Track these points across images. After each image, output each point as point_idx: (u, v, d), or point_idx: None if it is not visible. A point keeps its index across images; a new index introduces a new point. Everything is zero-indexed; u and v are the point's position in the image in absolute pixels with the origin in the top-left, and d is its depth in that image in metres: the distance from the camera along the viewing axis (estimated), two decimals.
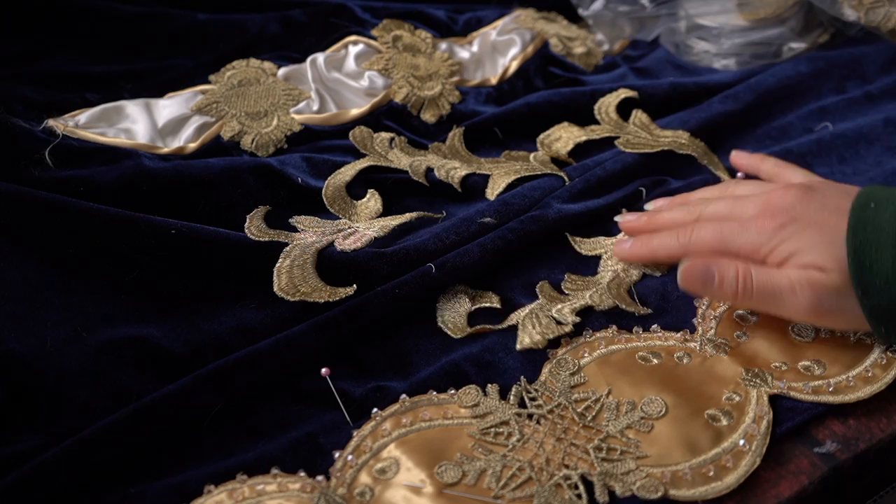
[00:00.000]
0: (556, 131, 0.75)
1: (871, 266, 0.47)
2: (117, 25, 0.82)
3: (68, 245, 0.59)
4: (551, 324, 0.55)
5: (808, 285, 0.49)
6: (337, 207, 0.65)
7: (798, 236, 0.50)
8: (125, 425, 0.48)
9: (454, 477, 0.45)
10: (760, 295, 0.51)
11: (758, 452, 0.46)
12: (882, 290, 0.47)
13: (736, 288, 0.51)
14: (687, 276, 0.53)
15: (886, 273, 0.47)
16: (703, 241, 0.54)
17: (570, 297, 0.58)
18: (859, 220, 0.49)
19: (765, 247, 0.51)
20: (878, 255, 0.47)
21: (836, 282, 0.49)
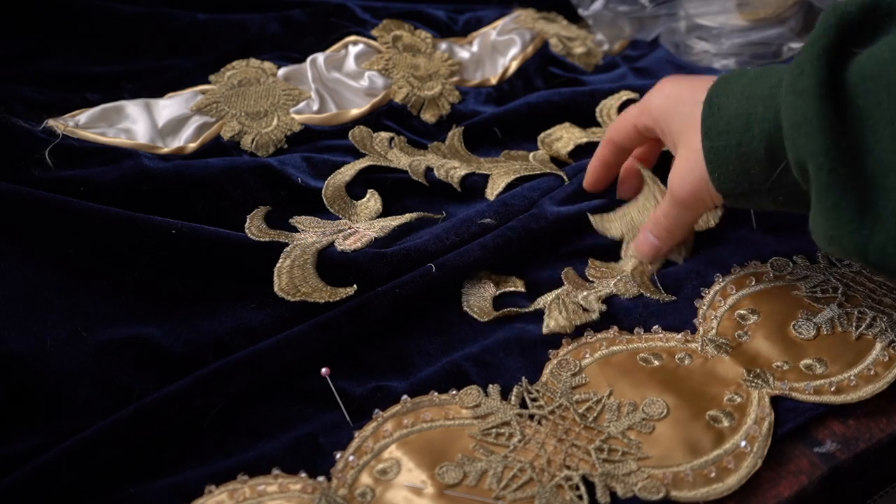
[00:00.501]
0: (557, 131, 0.75)
1: (718, 111, 0.49)
2: (117, 25, 0.82)
3: (68, 245, 0.59)
4: (578, 310, 0.56)
5: (683, 203, 0.54)
6: (337, 207, 0.65)
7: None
8: (125, 425, 0.48)
9: (455, 478, 0.45)
10: (666, 225, 0.57)
11: (759, 454, 0.46)
12: (721, 133, 0.49)
13: (663, 229, 0.57)
14: (644, 254, 0.59)
15: (728, 117, 0.49)
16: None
17: (594, 285, 0.59)
18: (724, 77, 0.51)
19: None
20: (727, 101, 0.49)
21: (689, 154, 0.52)
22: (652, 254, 0.58)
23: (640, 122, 0.58)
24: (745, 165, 0.49)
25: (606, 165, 0.63)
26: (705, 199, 0.53)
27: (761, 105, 0.47)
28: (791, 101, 0.44)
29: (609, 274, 0.60)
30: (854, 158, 0.42)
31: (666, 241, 0.58)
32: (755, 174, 0.49)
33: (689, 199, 0.54)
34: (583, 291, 0.58)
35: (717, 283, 0.57)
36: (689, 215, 0.56)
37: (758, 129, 0.47)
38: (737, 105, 0.48)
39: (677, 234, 0.57)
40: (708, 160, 0.50)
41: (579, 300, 0.57)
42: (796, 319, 0.54)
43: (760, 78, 0.48)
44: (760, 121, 0.47)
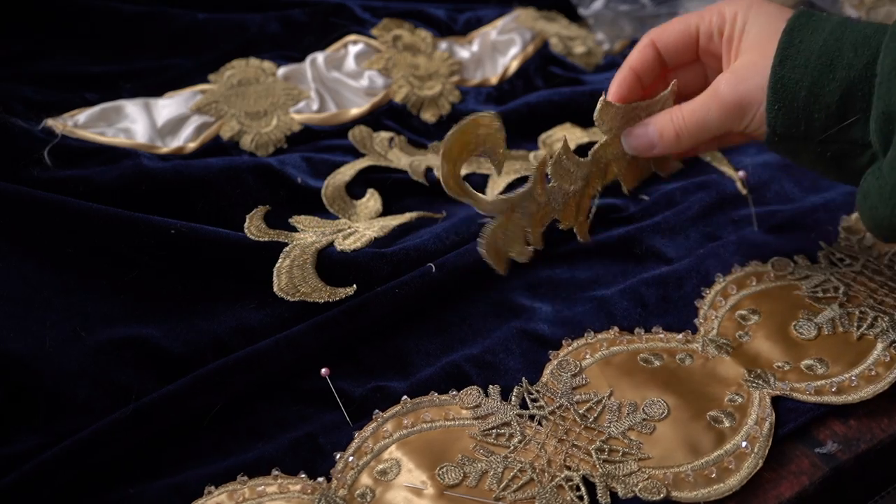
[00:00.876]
0: (557, 131, 0.75)
1: (799, 42, 0.47)
2: (117, 25, 0.82)
3: (67, 245, 0.59)
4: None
5: (723, 103, 0.50)
6: (336, 207, 0.65)
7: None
8: (125, 425, 0.48)
9: (455, 478, 0.45)
10: (694, 129, 0.52)
11: (760, 454, 0.46)
12: (798, 66, 0.47)
13: (674, 134, 0.52)
14: (632, 144, 0.54)
15: (810, 52, 0.47)
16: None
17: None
18: (805, 11, 0.49)
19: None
20: (811, 36, 0.47)
21: (756, 64, 0.49)
22: (647, 148, 0.54)
23: (707, 20, 0.53)
24: (811, 107, 0.47)
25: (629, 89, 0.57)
26: (744, 116, 0.50)
27: (851, 50, 0.45)
28: (893, 49, 0.43)
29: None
30: None
31: (670, 140, 0.53)
32: (818, 119, 0.47)
33: (731, 105, 0.50)
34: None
35: (718, 283, 0.57)
36: (716, 123, 0.51)
37: (841, 74, 0.45)
38: (822, 43, 0.46)
39: (686, 140, 0.53)
40: (774, 90, 0.48)
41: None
42: (797, 319, 0.54)
43: (851, 25, 0.47)
44: (847, 66, 0.45)
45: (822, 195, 0.65)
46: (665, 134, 0.53)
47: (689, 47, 0.54)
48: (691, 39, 0.54)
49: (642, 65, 0.55)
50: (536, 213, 0.53)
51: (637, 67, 0.55)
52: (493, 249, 0.51)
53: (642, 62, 0.55)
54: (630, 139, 0.54)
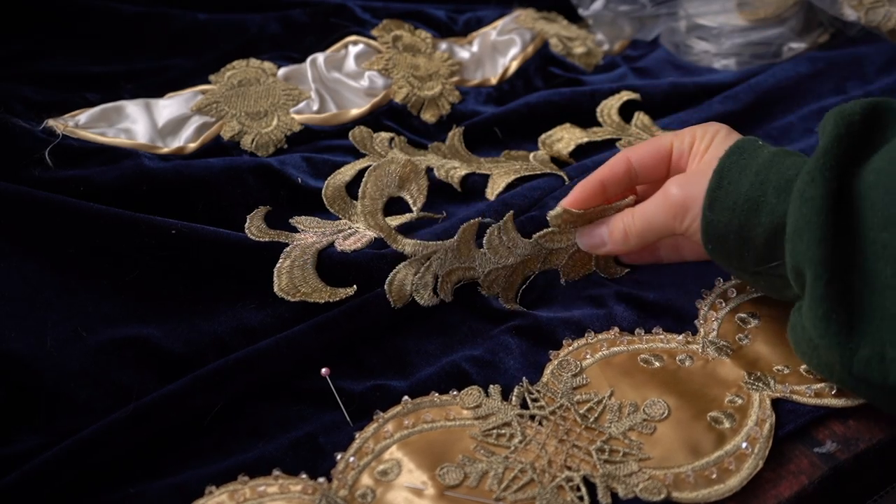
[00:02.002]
0: (557, 132, 0.75)
1: (728, 185, 0.48)
2: (117, 25, 0.82)
3: (68, 245, 0.58)
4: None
5: (669, 202, 0.52)
6: (337, 207, 0.65)
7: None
8: (125, 425, 0.48)
9: (456, 479, 0.45)
10: (640, 228, 0.54)
11: (760, 455, 0.46)
12: (726, 209, 0.48)
13: (623, 233, 0.55)
14: (584, 241, 0.57)
15: (737, 196, 0.48)
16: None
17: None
18: (737, 147, 0.50)
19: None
20: (738, 178, 0.48)
21: (706, 172, 0.50)
22: (598, 246, 0.57)
23: (681, 137, 0.55)
24: (740, 247, 0.49)
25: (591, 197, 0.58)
26: (685, 216, 0.51)
27: (774, 196, 0.47)
28: (798, 207, 0.44)
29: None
30: (847, 272, 0.43)
31: (619, 238, 0.55)
32: (748, 258, 0.49)
33: (676, 204, 0.52)
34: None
35: (718, 285, 0.57)
36: (660, 220, 0.53)
37: (765, 219, 0.47)
38: (749, 186, 0.48)
39: (633, 238, 0.55)
40: (705, 231, 0.50)
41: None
42: None
43: (776, 164, 0.48)
44: (770, 212, 0.47)
45: None
46: (614, 232, 0.55)
47: (661, 163, 0.56)
48: (665, 155, 0.55)
49: (612, 177, 0.56)
50: (454, 268, 0.57)
51: (606, 179, 0.56)
52: (399, 289, 0.56)
53: (612, 175, 0.56)
54: (583, 237, 0.57)
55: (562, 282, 0.59)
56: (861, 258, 0.43)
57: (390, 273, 0.57)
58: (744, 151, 0.50)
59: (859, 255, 0.43)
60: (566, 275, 0.59)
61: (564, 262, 0.59)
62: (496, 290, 0.58)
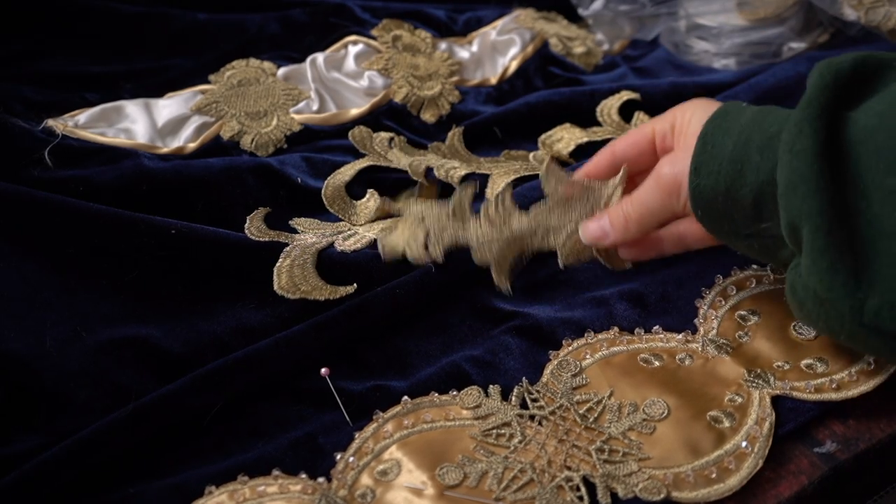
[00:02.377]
0: (557, 132, 0.75)
1: (711, 149, 0.48)
2: (117, 25, 0.82)
3: (68, 245, 0.59)
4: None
5: (662, 182, 0.51)
6: (336, 207, 0.65)
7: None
8: (124, 425, 0.48)
9: (455, 479, 0.45)
10: (638, 213, 0.52)
11: (760, 454, 0.46)
12: (712, 172, 0.47)
13: (623, 221, 0.53)
14: (587, 234, 0.55)
15: (721, 158, 0.47)
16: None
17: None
18: (722, 111, 0.49)
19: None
20: (722, 140, 0.47)
21: (681, 171, 0.50)
22: (601, 238, 0.54)
23: (661, 120, 0.54)
24: (729, 210, 0.48)
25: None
26: (680, 193, 0.51)
27: (757, 154, 0.46)
28: (788, 161, 0.43)
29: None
30: (848, 221, 0.42)
31: (619, 226, 0.53)
32: (738, 219, 0.48)
33: (668, 183, 0.51)
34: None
35: (718, 283, 0.57)
36: (658, 203, 0.52)
37: (750, 178, 0.46)
38: (732, 147, 0.47)
39: (633, 225, 0.53)
40: (693, 196, 0.49)
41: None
42: (797, 320, 0.54)
43: (759, 122, 0.47)
44: (754, 171, 0.46)
45: None
46: (615, 221, 0.54)
47: (645, 151, 0.55)
48: (648, 141, 0.55)
49: (596, 172, 0.56)
50: (445, 230, 0.55)
51: (590, 174, 0.56)
52: (392, 244, 0.56)
53: (596, 170, 0.56)
54: (585, 231, 0.55)
55: (560, 265, 0.56)
56: (864, 205, 0.42)
57: (383, 234, 0.55)
58: (727, 115, 0.49)
59: (861, 202, 0.42)
60: (565, 258, 0.56)
61: (563, 243, 0.56)
62: (488, 258, 0.56)
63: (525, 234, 0.56)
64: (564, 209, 0.56)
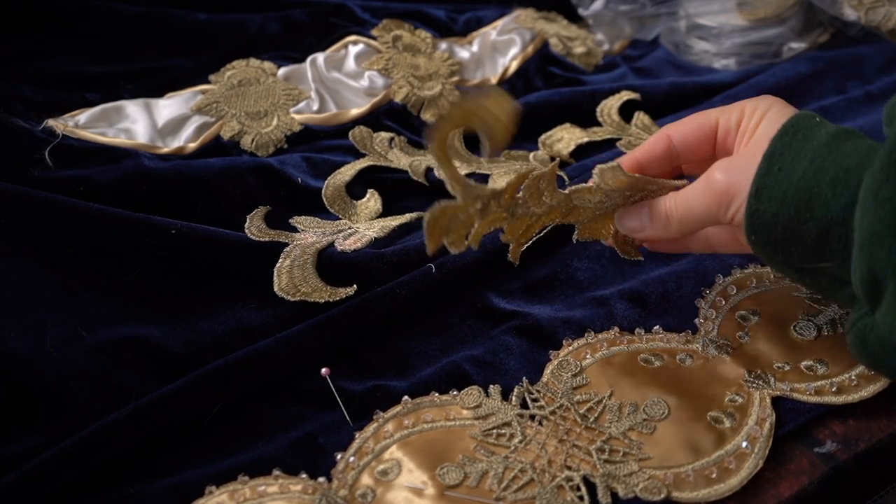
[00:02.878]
0: (557, 132, 0.75)
1: (778, 171, 0.44)
2: (117, 25, 0.82)
3: (68, 245, 0.59)
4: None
5: (713, 189, 0.47)
6: (337, 207, 0.65)
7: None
8: (125, 425, 0.48)
9: (456, 478, 0.45)
10: (682, 214, 0.49)
11: (761, 454, 0.46)
12: (775, 199, 0.43)
13: (664, 219, 0.50)
14: (625, 222, 0.52)
15: (788, 185, 0.43)
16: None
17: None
18: (794, 125, 0.45)
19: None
20: (791, 164, 0.43)
21: (755, 155, 0.45)
22: (637, 229, 0.52)
23: (727, 113, 0.50)
24: (787, 241, 0.44)
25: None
26: (730, 204, 0.46)
27: (829, 188, 0.42)
28: (872, 209, 0.39)
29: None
30: None
31: (660, 222, 0.50)
32: (795, 252, 0.44)
33: (719, 190, 0.47)
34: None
35: (718, 283, 0.57)
36: (702, 207, 0.48)
37: (819, 213, 0.42)
38: (802, 174, 0.43)
39: (675, 224, 0.50)
40: (750, 221, 0.45)
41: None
42: (797, 321, 0.54)
43: (834, 150, 0.43)
44: (824, 206, 0.42)
45: None
46: (656, 217, 0.50)
47: (705, 141, 0.51)
48: (710, 132, 0.51)
49: (650, 156, 0.52)
50: (491, 215, 0.50)
51: (643, 158, 0.52)
52: (435, 226, 0.47)
53: (650, 153, 0.52)
54: (623, 219, 0.52)
55: (574, 238, 0.54)
56: None
57: (431, 210, 0.46)
58: (798, 131, 0.44)
59: None
60: (581, 234, 0.54)
61: (584, 224, 0.53)
62: (513, 237, 0.52)
63: (555, 209, 0.52)
64: (604, 195, 0.51)
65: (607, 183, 0.50)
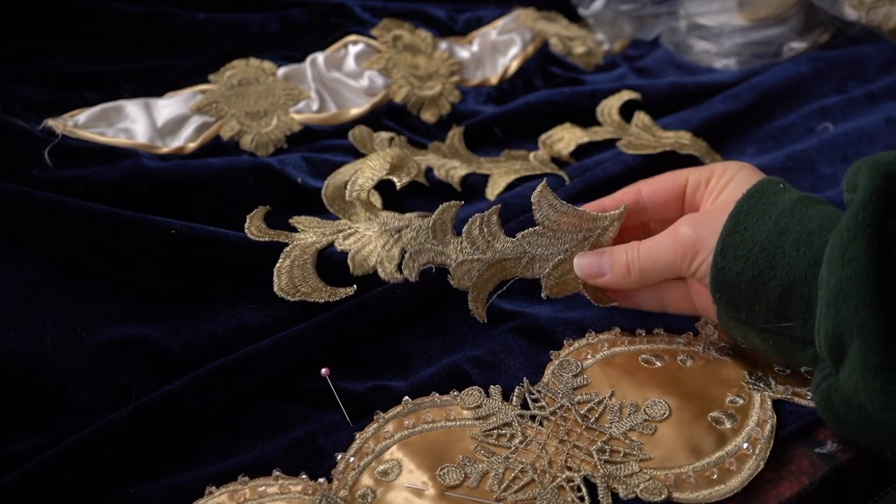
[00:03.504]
0: (558, 132, 0.75)
1: (744, 230, 0.45)
2: (117, 25, 0.82)
3: (68, 245, 0.58)
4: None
5: (678, 242, 0.48)
6: (337, 207, 0.65)
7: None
8: (124, 425, 0.48)
9: (456, 479, 0.45)
10: (644, 264, 0.50)
11: (762, 456, 0.46)
12: (739, 257, 0.45)
13: (625, 267, 0.50)
14: (582, 266, 0.52)
15: (753, 244, 0.44)
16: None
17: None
18: (759, 189, 0.47)
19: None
20: (756, 225, 0.45)
21: (724, 211, 0.47)
22: (596, 275, 0.52)
23: (697, 172, 0.52)
24: (751, 300, 0.45)
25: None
26: (694, 257, 0.48)
27: (793, 249, 0.43)
28: (838, 268, 0.40)
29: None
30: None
31: (620, 271, 0.51)
32: (759, 312, 0.45)
33: (685, 243, 0.48)
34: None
35: None
36: (666, 258, 0.49)
37: (781, 273, 0.44)
38: (766, 235, 0.44)
39: (635, 274, 0.50)
40: (715, 279, 0.46)
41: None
42: None
43: (798, 213, 0.45)
44: (786, 266, 0.43)
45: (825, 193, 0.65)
46: (617, 264, 0.51)
47: (674, 198, 0.53)
48: (679, 190, 0.52)
49: (616, 206, 0.53)
50: (425, 248, 0.52)
51: (609, 207, 0.53)
52: (363, 259, 0.53)
53: (617, 204, 0.53)
54: (582, 264, 0.52)
55: (543, 295, 0.54)
56: None
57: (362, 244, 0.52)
58: (763, 195, 0.46)
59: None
60: (548, 289, 0.53)
61: (549, 273, 0.53)
62: (466, 283, 0.53)
63: (509, 259, 0.53)
64: (554, 237, 0.52)
65: (545, 213, 0.52)
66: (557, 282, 0.53)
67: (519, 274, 0.53)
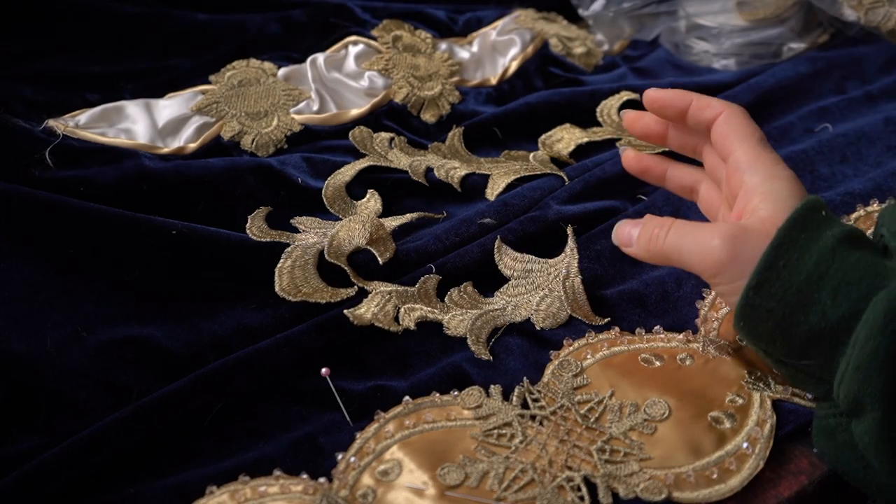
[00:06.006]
0: (557, 132, 0.75)
1: (783, 267, 0.43)
2: (117, 25, 0.82)
3: (68, 245, 0.58)
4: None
5: (709, 252, 0.46)
6: (337, 208, 0.65)
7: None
8: (125, 425, 0.48)
9: (457, 479, 0.45)
10: (668, 248, 0.48)
11: (761, 455, 0.46)
12: (772, 295, 0.43)
13: (647, 242, 0.49)
14: (617, 233, 0.52)
15: (790, 285, 0.43)
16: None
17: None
18: (801, 216, 0.44)
19: None
20: (797, 264, 0.43)
21: (735, 258, 0.45)
22: (625, 243, 0.51)
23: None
24: (775, 337, 0.44)
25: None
26: (723, 274, 0.46)
27: (829, 297, 0.42)
28: (875, 335, 0.40)
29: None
30: None
31: (642, 248, 0.50)
32: (779, 347, 0.45)
33: (717, 260, 0.46)
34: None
35: None
36: (687, 262, 0.48)
37: (813, 319, 0.42)
38: (806, 277, 0.42)
39: (654, 253, 0.49)
40: (741, 310, 0.44)
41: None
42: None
43: (841, 258, 0.43)
44: (819, 313, 0.42)
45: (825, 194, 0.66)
46: (641, 237, 0.50)
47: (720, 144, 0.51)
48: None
49: (667, 103, 0.53)
50: (415, 307, 0.57)
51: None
52: (359, 316, 0.55)
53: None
54: (618, 230, 0.52)
55: (538, 328, 0.55)
56: None
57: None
58: (806, 227, 0.44)
59: None
60: (541, 322, 0.56)
61: (536, 309, 0.56)
62: (461, 332, 0.55)
63: (496, 309, 0.57)
64: (527, 282, 0.57)
65: (508, 265, 0.59)
66: (547, 314, 0.56)
67: (508, 320, 0.56)
